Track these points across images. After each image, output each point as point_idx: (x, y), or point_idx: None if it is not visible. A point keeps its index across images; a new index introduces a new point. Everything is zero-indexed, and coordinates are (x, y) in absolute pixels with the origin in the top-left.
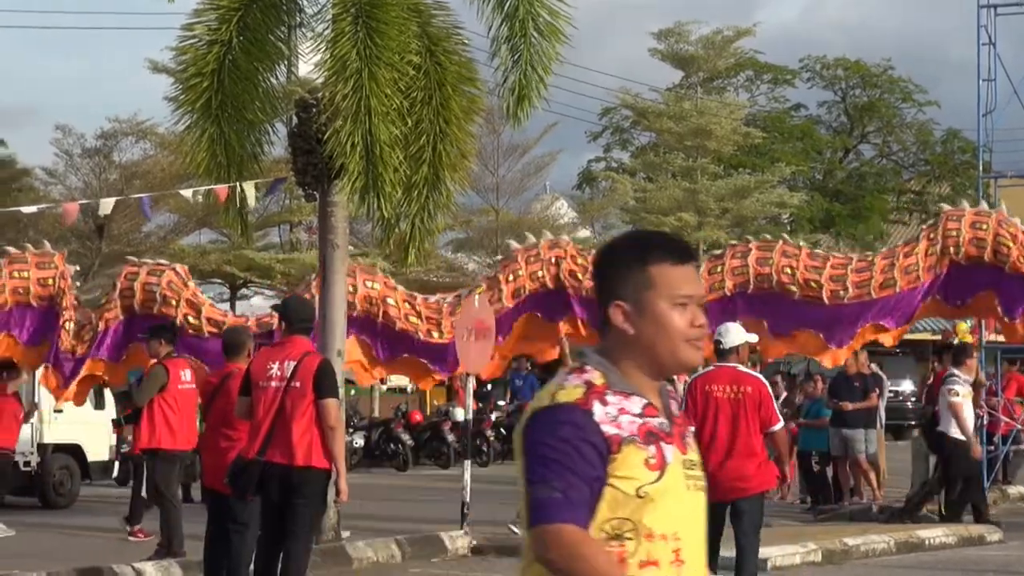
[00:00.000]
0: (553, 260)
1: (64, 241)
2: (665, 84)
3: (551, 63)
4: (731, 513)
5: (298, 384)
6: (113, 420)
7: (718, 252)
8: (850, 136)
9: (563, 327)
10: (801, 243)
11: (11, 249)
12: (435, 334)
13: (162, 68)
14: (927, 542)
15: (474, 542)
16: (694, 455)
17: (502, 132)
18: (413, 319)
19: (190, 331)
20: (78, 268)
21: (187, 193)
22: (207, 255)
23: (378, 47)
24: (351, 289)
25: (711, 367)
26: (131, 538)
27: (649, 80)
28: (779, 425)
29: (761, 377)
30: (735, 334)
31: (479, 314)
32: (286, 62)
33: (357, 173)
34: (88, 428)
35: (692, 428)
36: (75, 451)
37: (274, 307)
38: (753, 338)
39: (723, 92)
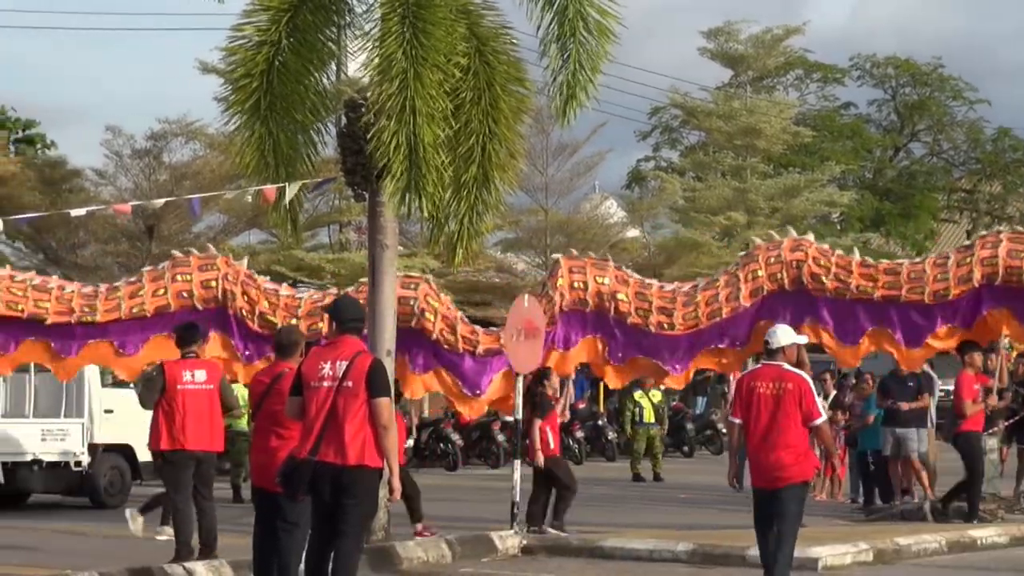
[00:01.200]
0: (794, 264)
1: (114, 241)
2: (714, 83)
3: (600, 62)
4: (772, 501)
5: (350, 384)
6: None
7: (967, 243)
8: (900, 134)
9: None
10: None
11: (176, 253)
12: (666, 325)
13: (212, 69)
14: (979, 542)
15: (524, 542)
16: None
17: (551, 132)
18: (643, 312)
19: (445, 347)
20: (247, 257)
21: (232, 196)
22: (257, 255)
23: (424, 47)
24: (581, 286)
25: (759, 365)
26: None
27: (698, 79)
28: (820, 419)
29: (804, 374)
30: (783, 336)
31: (528, 314)
32: (335, 62)
33: (400, 173)
34: (139, 428)
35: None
36: (126, 451)
37: (324, 307)
38: (802, 339)
39: (773, 91)
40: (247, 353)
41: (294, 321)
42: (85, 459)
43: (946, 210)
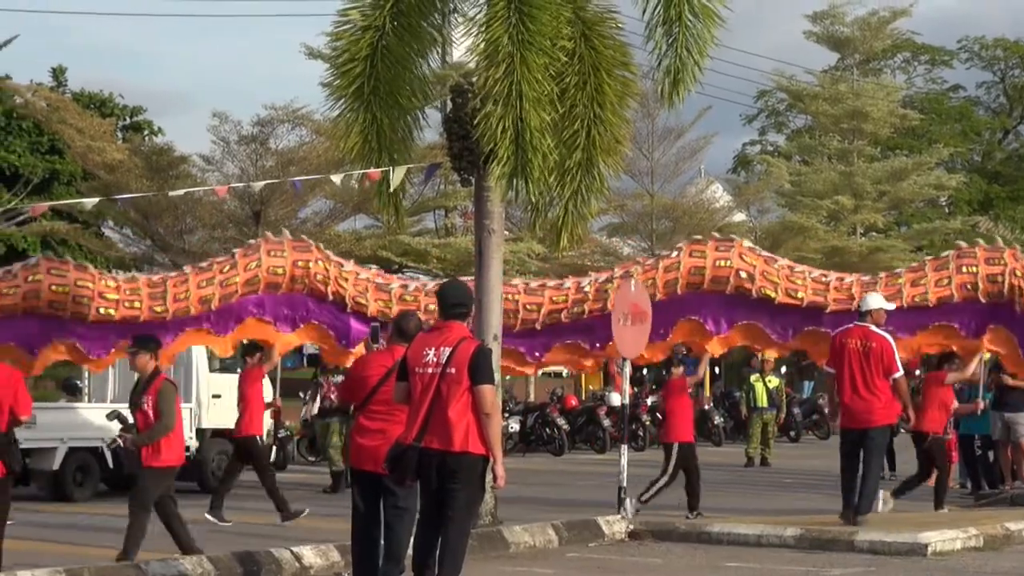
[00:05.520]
0: None
1: (221, 227)
2: (820, 66)
3: (706, 46)
4: (862, 438)
5: (453, 370)
6: (267, 403)
7: None
8: (1009, 117)
9: None
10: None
11: (962, 243)
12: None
13: (317, 54)
14: None
15: (631, 527)
16: None
17: (657, 116)
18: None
19: None
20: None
21: (337, 179)
22: (362, 241)
23: (530, 32)
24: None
25: (850, 325)
26: None
27: (804, 62)
28: (898, 374)
29: (887, 336)
30: (871, 301)
31: (635, 298)
32: (439, 48)
33: (506, 158)
34: None
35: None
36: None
37: (434, 291)
38: (890, 306)
39: (879, 74)
40: None
41: None
42: (193, 444)
43: None
